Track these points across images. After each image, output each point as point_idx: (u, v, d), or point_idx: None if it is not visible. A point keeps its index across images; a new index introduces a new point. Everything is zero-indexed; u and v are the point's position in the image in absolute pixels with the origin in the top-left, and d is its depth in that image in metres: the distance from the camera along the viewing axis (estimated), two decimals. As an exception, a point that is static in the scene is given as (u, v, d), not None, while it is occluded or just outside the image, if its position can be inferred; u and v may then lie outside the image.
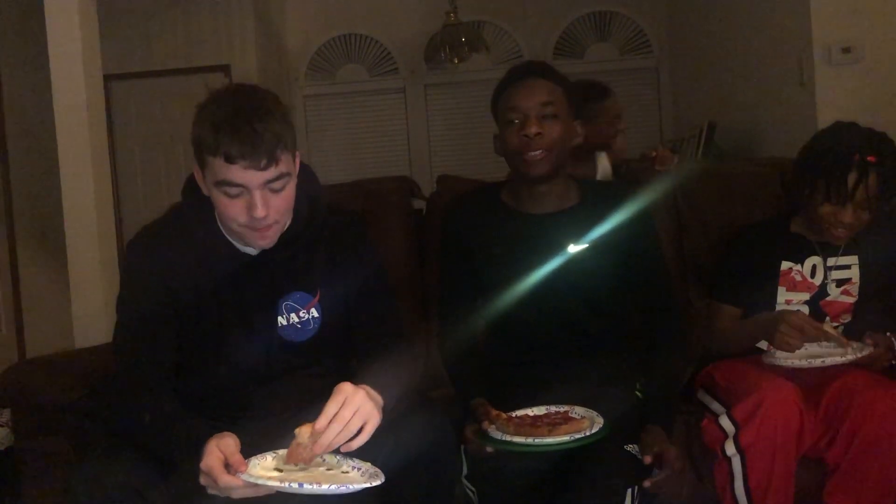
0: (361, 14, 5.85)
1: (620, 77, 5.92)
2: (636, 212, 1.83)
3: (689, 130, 4.92)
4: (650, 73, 5.94)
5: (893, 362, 1.80)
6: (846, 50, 3.20)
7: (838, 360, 1.73)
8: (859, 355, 1.73)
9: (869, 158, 1.78)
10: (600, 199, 1.85)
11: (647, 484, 1.56)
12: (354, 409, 1.28)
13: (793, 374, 1.73)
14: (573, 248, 1.80)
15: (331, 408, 1.27)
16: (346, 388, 1.30)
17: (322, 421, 1.27)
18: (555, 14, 5.85)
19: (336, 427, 1.26)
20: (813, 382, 1.76)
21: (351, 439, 1.28)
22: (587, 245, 1.80)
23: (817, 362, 1.72)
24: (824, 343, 1.83)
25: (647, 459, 1.56)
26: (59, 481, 1.73)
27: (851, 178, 1.78)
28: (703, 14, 4.94)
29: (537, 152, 1.75)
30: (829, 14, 3.22)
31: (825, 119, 3.23)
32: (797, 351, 1.73)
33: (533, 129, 1.74)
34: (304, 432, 1.27)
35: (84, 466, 1.38)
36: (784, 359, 1.74)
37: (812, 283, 1.90)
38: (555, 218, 1.83)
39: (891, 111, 3.19)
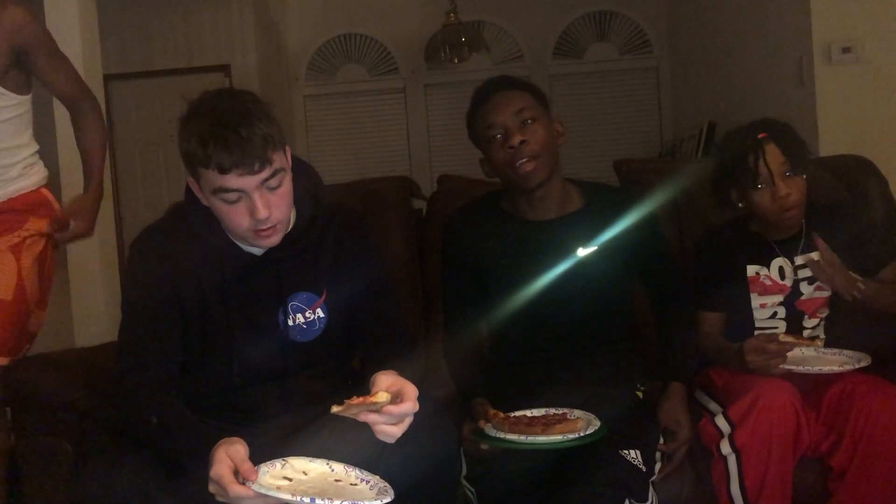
0: (361, 14, 5.86)
1: (620, 77, 5.94)
2: (642, 213, 1.84)
3: (689, 130, 4.94)
4: (650, 73, 5.95)
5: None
6: (846, 49, 3.21)
7: (836, 369, 1.74)
8: (857, 366, 1.74)
9: (759, 136, 1.85)
10: (605, 203, 1.86)
11: (660, 445, 1.72)
12: (410, 417, 1.29)
13: (791, 376, 1.74)
14: (582, 252, 1.81)
15: (408, 406, 1.27)
16: (415, 394, 1.30)
17: (395, 409, 1.26)
18: (555, 14, 5.85)
19: (393, 419, 1.27)
20: (812, 384, 1.76)
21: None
22: (596, 248, 1.81)
23: (815, 370, 1.73)
24: (822, 350, 1.84)
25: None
26: (60, 481, 1.74)
27: (751, 158, 1.83)
28: (702, 14, 4.95)
29: (526, 161, 1.74)
30: (830, 14, 3.23)
31: (825, 118, 3.25)
32: (794, 357, 1.74)
33: (516, 139, 1.74)
34: (385, 400, 1.26)
35: (92, 467, 1.37)
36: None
37: (783, 284, 1.90)
38: (560, 223, 1.83)
39: (890, 111, 3.20)
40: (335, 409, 1.26)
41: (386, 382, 1.30)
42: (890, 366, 1.82)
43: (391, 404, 1.26)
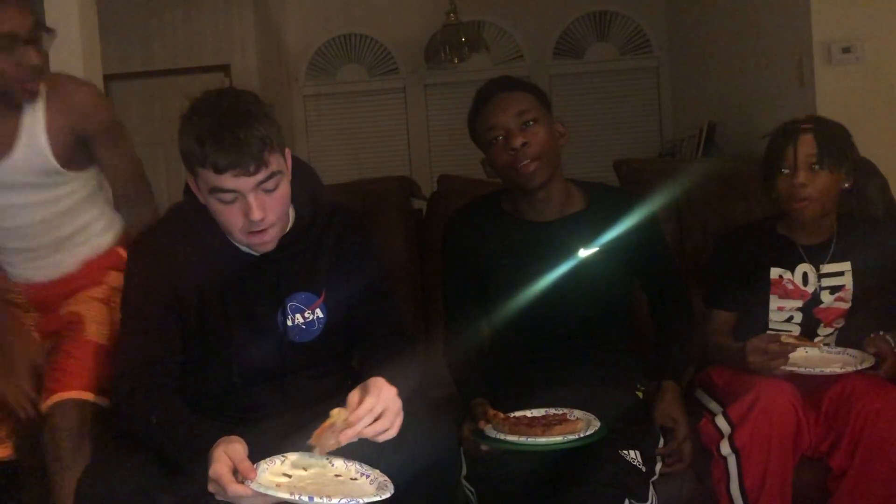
0: (361, 14, 5.85)
1: (620, 77, 5.93)
2: (644, 215, 1.84)
3: (689, 130, 4.93)
4: (650, 73, 5.94)
5: None
6: (846, 49, 3.21)
7: (837, 370, 1.73)
8: (859, 367, 1.74)
9: (802, 126, 1.86)
10: (607, 204, 1.86)
11: (660, 448, 1.72)
12: (385, 405, 1.29)
13: (792, 376, 1.73)
14: (583, 253, 1.81)
15: (369, 401, 1.27)
16: (380, 383, 1.31)
17: (359, 411, 1.26)
18: (555, 14, 5.84)
19: (367, 419, 1.27)
20: (812, 384, 1.76)
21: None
22: (597, 249, 1.81)
23: (816, 370, 1.72)
24: (825, 349, 1.83)
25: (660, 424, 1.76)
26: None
27: (782, 141, 1.85)
28: (702, 14, 4.94)
29: (529, 162, 1.74)
30: (829, 13, 3.23)
31: (825, 119, 3.25)
32: (797, 357, 1.74)
33: (518, 141, 1.74)
34: (340, 414, 1.26)
35: (92, 467, 1.38)
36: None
37: (805, 291, 1.89)
38: (562, 223, 1.83)
39: (890, 111, 3.19)
40: (321, 453, 1.27)
41: (353, 399, 1.30)
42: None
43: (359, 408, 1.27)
